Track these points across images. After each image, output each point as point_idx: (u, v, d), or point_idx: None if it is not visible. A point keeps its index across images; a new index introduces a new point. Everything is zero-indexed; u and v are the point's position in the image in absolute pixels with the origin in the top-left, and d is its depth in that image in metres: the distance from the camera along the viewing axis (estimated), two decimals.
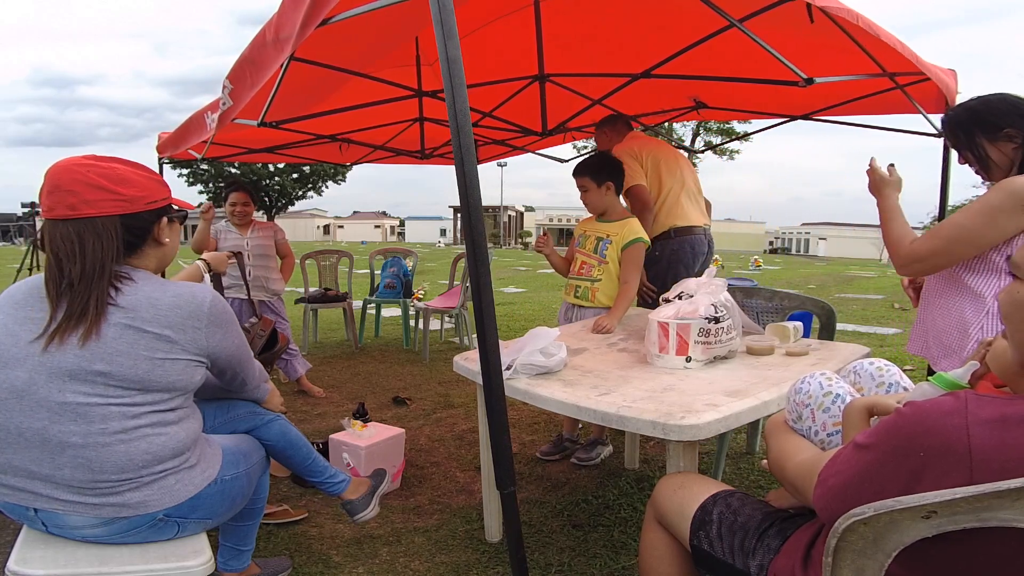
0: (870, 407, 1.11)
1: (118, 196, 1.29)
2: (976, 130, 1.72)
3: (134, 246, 1.35)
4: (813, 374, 1.32)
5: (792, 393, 1.33)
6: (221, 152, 4.70)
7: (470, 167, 1.43)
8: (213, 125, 2.72)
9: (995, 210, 1.59)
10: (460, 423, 3.50)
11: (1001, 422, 0.77)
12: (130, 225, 1.32)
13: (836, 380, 1.29)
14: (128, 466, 1.27)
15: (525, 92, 3.55)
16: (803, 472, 1.09)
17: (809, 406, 1.28)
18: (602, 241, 2.78)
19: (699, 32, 2.68)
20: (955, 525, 0.77)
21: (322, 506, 2.49)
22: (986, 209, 1.60)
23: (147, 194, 1.35)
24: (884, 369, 1.37)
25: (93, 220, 1.27)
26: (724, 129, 26.31)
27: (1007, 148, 1.68)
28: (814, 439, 1.26)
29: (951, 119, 1.81)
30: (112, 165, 1.33)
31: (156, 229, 1.38)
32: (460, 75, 1.41)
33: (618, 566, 2.04)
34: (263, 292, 4.04)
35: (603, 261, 2.78)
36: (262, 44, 2.02)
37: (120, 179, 1.31)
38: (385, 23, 2.10)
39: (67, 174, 1.28)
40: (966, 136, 1.75)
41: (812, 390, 1.28)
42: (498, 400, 1.52)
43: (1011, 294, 0.89)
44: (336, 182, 44.40)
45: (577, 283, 2.88)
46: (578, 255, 2.90)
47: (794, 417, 1.31)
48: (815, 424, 1.26)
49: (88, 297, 1.24)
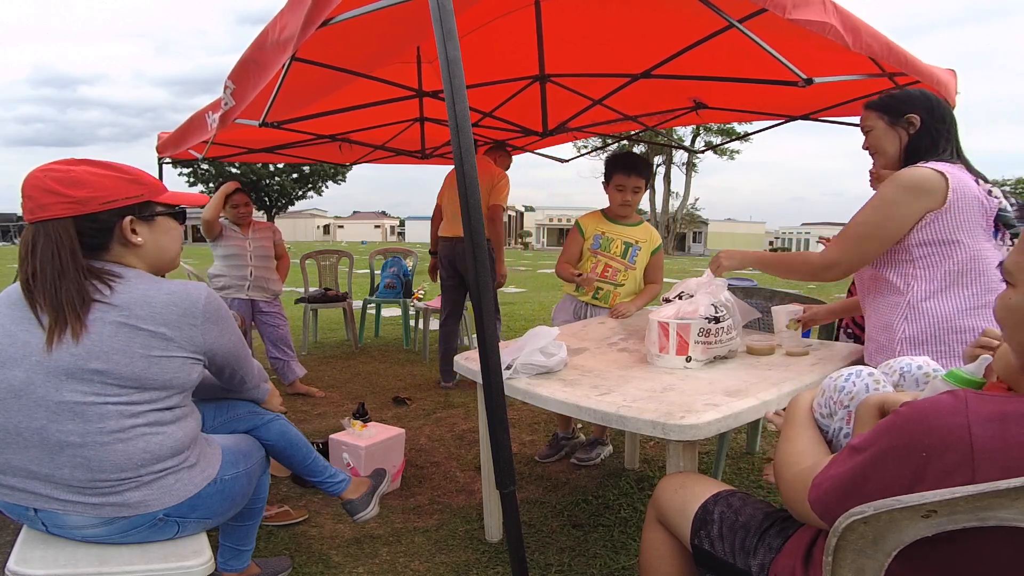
0: (881, 405, 1.09)
1: (68, 199, 1.28)
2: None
3: (98, 246, 1.33)
4: (860, 372, 1.21)
5: (831, 388, 1.22)
6: (221, 152, 4.69)
7: (470, 168, 1.43)
8: (214, 125, 2.71)
9: (890, 203, 1.71)
10: (460, 423, 3.50)
11: (1001, 419, 0.77)
12: (85, 226, 1.30)
13: (884, 383, 1.20)
14: (127, 465, 1.27)
15: (525, 92, 3.54)
16: (799, 485, 1.04)
17: (848, 407, 1.18)
18: (632, 247, 2.79)
19: (699, 32, 2.68)
20: (955, 524, 0.77)
21: (322, 506, 2.49)
22: (880, 204, 1.73)
23: (102, 194, 1.31)
24: (932, 376, 1.27)
25: (46, 223, 1.28)
26: (724, 129, 26.31)
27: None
28: (840, 439, 1.19)
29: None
30: (72, 168, 1.32)
31: (119, 229, 1.34)
32: (460, 76, 1.40)
33: (618, 566, 2.04)
34: (263, 292, 4.05)
35: (631, 267, 2.78)
36: (264, 44, 2.02)
37: (73, 182, 1.29)
38: (387, 24, 2.10)
39: (29, 180, 1.31)
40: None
41: (857, 392, 1.18)
42: (498, 400, 1.52)
43: (1003, 300, 0.89)
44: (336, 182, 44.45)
45: (599, 285, 2.84)
46: (600, 257, 2.84)
47: (825, 412, 1.23)
48: (847, 427, 1.18)
49: (57, 296, 1.24)
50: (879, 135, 1.88)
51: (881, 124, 1.87)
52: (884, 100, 1.89)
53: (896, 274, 1.79)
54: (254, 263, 4.01)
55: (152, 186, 1.41)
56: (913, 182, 1.69)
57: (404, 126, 4.33)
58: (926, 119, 1.80)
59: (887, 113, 1.86)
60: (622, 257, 2.79)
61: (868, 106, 1.92)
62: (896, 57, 2.27)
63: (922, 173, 1.69)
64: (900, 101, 1.85)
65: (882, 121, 1.87)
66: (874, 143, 1.90)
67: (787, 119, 3.91)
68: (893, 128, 1.85)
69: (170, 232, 1.45)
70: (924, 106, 1.82)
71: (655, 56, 3.02)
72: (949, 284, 1.72)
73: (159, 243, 1.42)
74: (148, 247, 1.39)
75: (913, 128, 1.82)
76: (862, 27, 2.08)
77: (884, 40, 2.19)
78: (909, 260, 1.76)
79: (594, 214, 2.96)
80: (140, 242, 1.37)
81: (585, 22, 2.84)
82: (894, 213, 1.71)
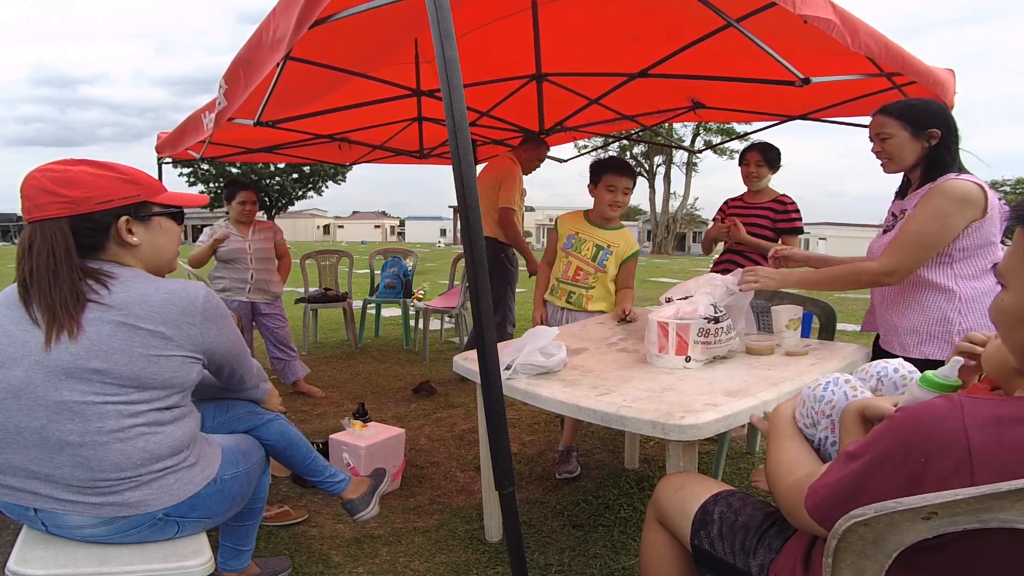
0: (862, 411, 1.10)
1: (63, 198, 1.28)
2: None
3: (95, 246, 1.33)
4: (837, 380, 1.21)
5: (810, 398, 1.23)
6: (221, 152, 4.69)
7: (467, 168, 1.42)
8: (210, 125, 2.71)
9: (946, 215, 1.86)
10: (460, 423, 3.50)
11: (997, 423, 0.77)
12: (81, 226, 1.30)
13: (861, 389, 1.20)
14: (126, 465, 1.27)
15: (523, 91, 3.55)
16: (795, 494, 1.03)
17: (831, 416, 1.18)
18: (603, 251, 2.76)
19: (696, 32, 2.68)
20: (955, 526, 0.77)
21: (322, 506, 2.49)
22: (937, 215, 1.87)
23: (97, 194, 1.31)
24: (908, 378, 1.30)
25: (42, 223, 1.28)
26: (724, 129, 26.32)
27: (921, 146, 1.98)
28: (827, 448, 1.20)
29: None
30: (68, 168, 1.32)
31: (115, 229, 1.34)
32: (457, 75, 1.40)
33: (618, 566, 2.04)
34: (264, 295, 4.02)
35: (601, 270, 2.77)
36: (257, 44, 2.02)
37: (68, 181, 1.30)
38: (382, 23, 2.10)
39: (27, 180, 1.31)
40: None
41: (837, 400, 1.18)
42: (497, 400, 1.51)
43: (997, 302, 0.90)
44: (336, 182, 44.43)
45: (571, 288, 2.82)
46: (571, 258, 2.80)
47: (807, 422, 1.23)
48: (832, 435, 1.19)
49: (51, 296, 1.24)
50: (900, 143, 1.98)
51: (905, 134, 1.97)
52: (908, 110, 1.98)
53: (939, 275, 1.94)
54: (255, 265, 3.96)
55: (149, 186, 1.41)
56: (964, 195, 1.85)
57: (402, 126, 4.33)
58: (946, 134, 1.94)
59: (911, 124, 1.96)
60: (592, 260, 2.76)
61: (889, 112, 2.00)
62: (894, 57, 2.27)
63: (968, 187, 1.85)
64: (925, 114, 1.96)
65: (906, 131, 1.96)
66: (893, 150, 2.00)
67: (785, 119, 3.92)
68: (916, 139, 1.96)
69: (168, 233, 1.45)
70: (945, 122, 1.95)
71: (652, 55, 3.02)
72: (990, 280, 1.91)
73: (156, 243, 1.42)
74: (145, 247, 1.39)
75: (933, 140, 1.94)
76: (860, 26, 2.08)
77: (883, 40, 2.19)
78: (949, 262, 1.93)
79: (575, 214, 2.89)
80: (136, 242, 1.37)
81: (582, 21, 2.84)
82: (949, 223, 1.86)
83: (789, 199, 3.26)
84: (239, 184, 4.00)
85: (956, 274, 1.93)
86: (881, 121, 2.02)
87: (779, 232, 3.24)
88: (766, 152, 3.26)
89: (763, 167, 3.24)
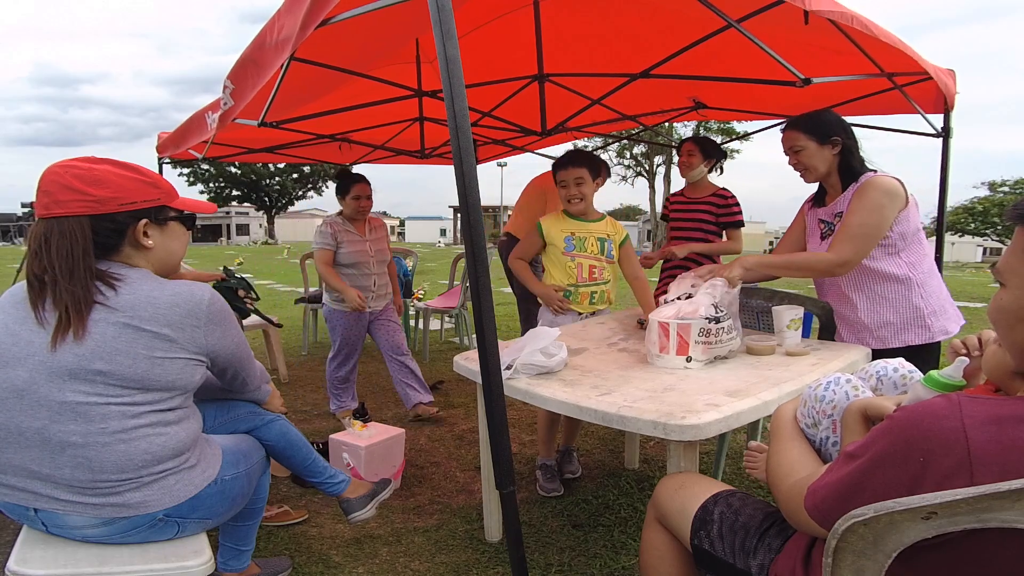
0: (864, 410, 1.11)
1: (88, 197, 1.28)
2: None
3: (111, 247, 1.33)
4: (838, 380, 1.22)
5: (812, 398, 1.23)
6: (221, 152, 4.69)
7: (469, 168, 1.43)
8: (214, 125, 2.72)
9: (881, 207, 2.06)
10: (460, 423, 3.49)
11: (996, 422, 0.77)
12: (101, 226, 1.30)
13: (863, 389, 1.20)
14: (128, 466, 1.27)
15: (524, 92, 3.54)
16: (795, 495, 1.03)
17: (832, 416, 1.18)
18: (605, 242, 2.75)
19: (697, 32, 2.68)
20: (955, 526, 0.77)
21: (322, 506, 2.49)
22: (876, 207, 2.06)
23: (122, 195, 1.32)
24: (908, 377, 1.31)
25: (61, 220, 1.27)
26: (724, 129, 26.31)
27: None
28: (828, 448, 1.20)
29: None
30: (94, 167, 1.32)
31: (132, 231, 1.35)
32: (459, 75, 1.40)
33: (618, 566, 2.04)
34: (383, 300, 3.45)
35: (611, 261, 2.75)
36: (263, 44, 2.02)
37: (94, 180, 1.29)
38: (386, 23, 2.10)
39: (47, 175, 1.30)
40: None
41: (838, 400, 1.18)
42: (498, 400, 1.52)
43: (996, 301, 0.90)
44: None
45: (592, 289, 2.69)
46: (580, 259, 2.68)
47: (809, 423, 1.23)
48: (834, 435, 1.19)
49: (64, 295, 1.24)
50: (812, 153, 2.19)
51: (813, 144, 2.17)
52: (810, 123, 2.18)
53: (891, 265, 2.14)
54: (377, 270, 3.38)
55: (168, 191, 1.42)
56: (890, 188, 2.07)
57: (404, 126, 4.33)
58: (845, 140, 2.15)
59: (816, 134, 2.16)
60: (600, 254, 2.72)
61: (796, 126, 2.20)
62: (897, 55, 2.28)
63: (892, 181, 2.09)
64: (825, 124, 2.16)
65: (813, 141, 2.17)
66: (807, 161, 2.20)
67: (786, 119, 3.91)
68: (823, 147, 2.17)
69: (179, 237, 1.46)
70: (843, 128, 2.16)
71: (654, 56, 3.03)
72: (930, 262, 2.18)
73: (168, 247, 1.43)
74: (158, 250, 1.40)
75: (837, 147, 2.16)
76: (870, 23, 2.10)
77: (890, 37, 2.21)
78: (895, 252, 2.13)
79: (556, 215, 2.77)
80: (151, 245, 1.38)
81: (584, 22, 2.84)
82: (885, 214, 2.07)
83: (729, 193, 3.33)
84: (352, 177, 3.32)
85: (905, 262, 2.13)
86: (791, 136, 2.20)
87: (721, 226, 3.32)
88: (703, 144, 3.35)
89: (695, 156, 3.33)
